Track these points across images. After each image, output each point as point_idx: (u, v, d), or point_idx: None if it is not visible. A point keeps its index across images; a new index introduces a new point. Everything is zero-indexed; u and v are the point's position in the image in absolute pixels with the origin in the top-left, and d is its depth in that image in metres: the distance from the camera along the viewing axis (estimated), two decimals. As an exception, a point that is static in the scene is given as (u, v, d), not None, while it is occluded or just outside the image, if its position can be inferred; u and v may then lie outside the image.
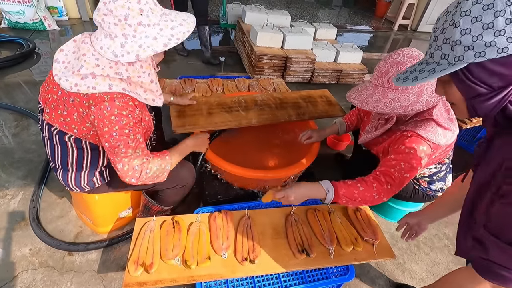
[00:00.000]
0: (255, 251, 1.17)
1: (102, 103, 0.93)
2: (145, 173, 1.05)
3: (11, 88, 2.62)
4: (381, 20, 6.21)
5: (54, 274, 1.37)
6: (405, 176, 1.11)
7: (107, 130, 0.96)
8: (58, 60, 0.99)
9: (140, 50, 0.91)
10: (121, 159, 1.00)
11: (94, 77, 0.92)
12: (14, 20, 3.55)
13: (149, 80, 1.01)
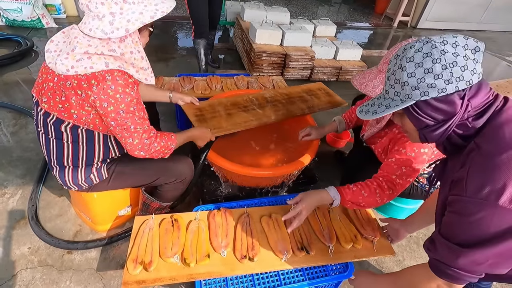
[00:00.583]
0: (254, 248, 1.16)
1: (105, 82, 0.96)
2: (153, 146, 1.13)
3: (9, 86, 2.60)
4: (381, 17, 6.17)
5: (53, 272, 1.37)
6: (407, 181, 1.17)
7: (113, 108, 1.00)
8: (50, 50, 1.01)
9: (129, 24, 0.95)
10: (131, 135, 1.06)
11: (90, 57, 0.95)
12: (12, 18, 3.53)
13: (140, 56, 1.05)
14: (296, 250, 1.18)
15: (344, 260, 1.20)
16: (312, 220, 1.32)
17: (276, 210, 1.36)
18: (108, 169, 1.24)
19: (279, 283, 1.16)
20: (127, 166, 1.27)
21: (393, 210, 1.78)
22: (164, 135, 1.19)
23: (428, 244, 0.80)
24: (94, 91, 0.96)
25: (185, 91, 2.08)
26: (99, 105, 0.99)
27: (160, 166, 1.30)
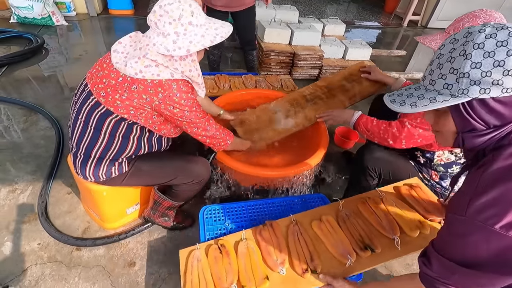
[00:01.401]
0: (313, 259, 1.05)
1: (171, 90, 1.06)
2: (215, 134, 1.29)
3: (20, 83, 2.64)
4: (390, 16, 6.09)
5: (62, 268, 1.38)
6: (416, 130, 1.22)
7: (179, 111, 1.11)
8: (118, 51, 1.09)
9: (190, 45, 1.03)
10: (196, 125, 1.20)
11: (157, 66, 1.03)
12: (23, 16, 3.58)
13: (197, 74, 1.15)
14: (359, 251, 1.07)
15: (416, 250, 1.08)
16: (366, 213, 1.21)
17: (325, 211, 1.25)
18: (129, 163, 1.26)
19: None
20: (146, 164, 1.28)
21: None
22: (225, 130, 1.34)
23: (424, 259, 0.75)
24: (159, 98, 1.06)
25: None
26: (164, 108, 1.09)
27: (179, 166, 1.31)
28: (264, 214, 1.40)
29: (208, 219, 1.34)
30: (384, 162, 1.43)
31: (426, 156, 1.39)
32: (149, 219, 1.55)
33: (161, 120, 1.19)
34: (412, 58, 4.27)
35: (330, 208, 1.26)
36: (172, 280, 1.39)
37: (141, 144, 1.24)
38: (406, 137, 1.27)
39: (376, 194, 1.28)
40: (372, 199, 1.26)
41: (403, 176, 1.45)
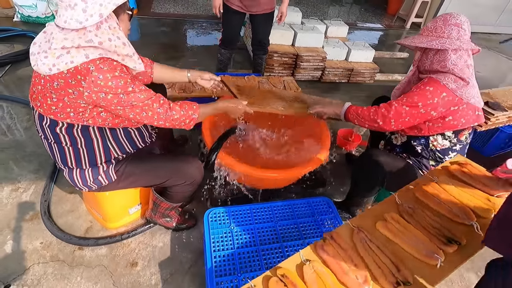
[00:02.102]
0: (400, 269, 0.88)
1: (90, 74, 0.93)
2: (170, 114, 1.11)
3: (23, 81, 2.64)
4: (393, 18, 6.09)
5: (65, 268, 1.38)
6: (402, 108, 1.30)
7: (113, 96, 0.98)
8: (33, 52, 0.99)
9: (101, 8, 0.91)
10: (142, 109, 1.05)
11: (68, 52, 0.92)
12: (27, 14, 3.58)
13: (120, 43, 0.99)
14: (444, 246, 0.93)
15: None
16: (429, 200, 1.07)
17: (383, 208, 1.07)
18: (117, 171, 1.23)
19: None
20: (136, 168, 1.26)
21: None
22: (184, 104, 1.17)
23: None
24: (84, 87, 0.95)
25: (196, 90, 2.08)
26: (96, 98, 0.97)
27: (170, 168, 1.29)
28: (269, 217, 1.41)
29: (212, 222, 1.35)
30: (387, 166, 1.43)
31: (421, 143, 1.43)
32: (151, 220, 1.55)
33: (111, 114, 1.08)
34: (415, 60, 4.26)
35: (388, 204, 1.09)
36: (174, 280, 1.39)
37: (109, 147, 1.18)
38: (394, 116, 1.33)
39: (428, 178, 1.13)
40: (427, 185, 1.10)
41: (405, 179, 1.45)
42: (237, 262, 1.21)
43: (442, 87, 1.27)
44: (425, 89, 1.28)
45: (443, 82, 1.27)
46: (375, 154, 1.45)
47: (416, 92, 1.30)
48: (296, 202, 1.49)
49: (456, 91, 1.26)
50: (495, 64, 4.57)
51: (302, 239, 1.32)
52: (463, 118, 1.32)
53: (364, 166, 1.47)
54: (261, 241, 1.30)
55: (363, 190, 1.53)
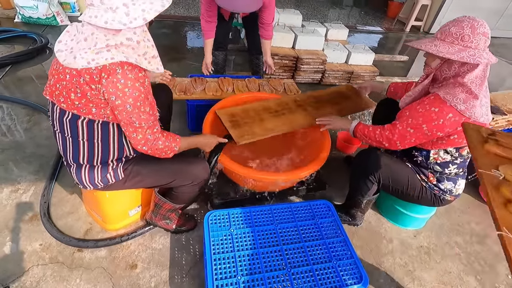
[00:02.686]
0: None
1: (115, 75, 0.98)
2: (156, 143, 1.16)
3: (24, 82, 2.65)
4: (393, 21, 6.11)
5: (64, 270, 1.38)
6: (407, 130, 1.30)
7: (121, 102, 1.01)
8: (61, 50, 1.02)
9: (144, 13, 0.97)
10: (135, 129, 1.09)
11: (109, 50, 0.97)
12: (28, 15, 3.59)
13: (151, 44, 1.07)
14: None
15: None
16: None
17: None
18: (125, 169, 1.24)
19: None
20: (144, 167, 1.27)
21: (403, 219, 1.76)
22: (170, 136, 1.21)
23: None
24: (103, 84, 0.98)
25: (197, 92, 2.09)
26: (108, 97, 1.01)
27: (177, 168, 1.31)
28: (269, 220, 1.41)
29: (212, 225, 1.35)
30: (384, 167, 1.44)
31: (423, 154, 1.42)
32: (151, 222, 1.54)
33: None
34: (414, 63, 4.28)
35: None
36: (174, 283, 1.38)
37: (124, 144, 1.20)
38: (399, 138, 1.33)
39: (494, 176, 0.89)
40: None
41: (402, 180, 1.47)
42: (237, 265, 1.20)
43: (448, 108, 1.21)
44: (430, 110, 1.24)
45: (452, 103, 1.21)
46: (373, 152, 1.46)
47: (421, 113, 1.26)
48: (297, 205, 1.49)
49: (465, 112, 1.20)
50: (495, 68, 4.58)
51: (302, 242, 1.32)
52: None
53: (362, 163, 1.48)
54: (261, 244, 1.30)
55: (360, 189, 1.53)
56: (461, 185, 1.46)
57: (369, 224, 1.79)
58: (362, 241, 1.69)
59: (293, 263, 1.24)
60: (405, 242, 1.72)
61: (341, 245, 1.33)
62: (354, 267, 1.26)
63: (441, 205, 1.52)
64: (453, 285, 1.54)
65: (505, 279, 1.61)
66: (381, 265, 1.58)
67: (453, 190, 1.45)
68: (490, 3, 5.54)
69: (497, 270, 1.65)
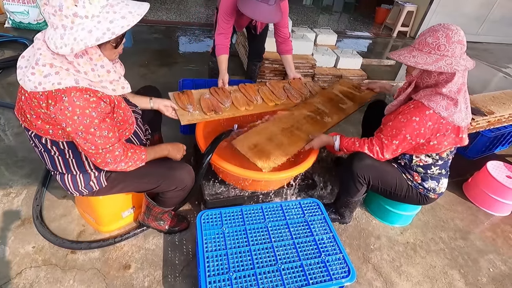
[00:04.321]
0: None
1: (61, 103, 0.91)
2: (118, 165, 1.13)
3: (14, 87, 2.64)
4: (381, 26, 6.29)
5: (57, 271, 1.39)
6: (393, 143, 1.39)
7: (72, 129, 0.96)
8: (21, 66, 0.97)
9: (74, 43, 0.85)
10: (93, 155, 1.06)
11: (58, 73, 0.90)
12: (18, 20, 3.58)
13: (104, 71, 0.97)
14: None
15: None
16: None
17: None
18: (108, 177, 1.25)
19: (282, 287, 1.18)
20: (127, 175, 1.25)
21: (390, 216, 1.82)
22: (134, 154, 1.16)
23: None
24: (51, 111, 0.93)
25: (227, 109, 1.80)
26: (59, 123, 0.96)
27: (161, 174, 1.30)
28: (261, 218, 1.44)
29: (205, 224, 1.38)
30: (373, 169, 1.50)
31: (406, 158, 1.50)
32: (144, 223, 1.57)
33: None
34: (401, 68, 4.41)
35: None
36: (167, 282, 1.41)
37: None
38: (388, 152, 1.43)
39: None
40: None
41: (390, 181, 1.52)
42: (229, 262, 1.24)
43: (427, 116, 1.28)
44: (411, 119, 1.31)
45: (436, 110, 1.27)
46: (363, 156, 1.51)
47: (403, 123, 1.34)
48: (287, 203, 1.53)
49: (448, 118, 1.28)
50: (478, 71, 4.75)
51: (292, 239, 1.36)
52: (446, 141, 1.37)
53: (352, 165, 1.52)
54: (253, 241, 1.33)
55: (350, 190, 1.59)
56: (443, 184, 1.53)
57: (357, 222, 1.85)
58: (351, 238, 1.75)
59: (283, 259, 1.28)
60: (392, 238, 1.78)
61: (330, 241, 1.38)
62: (342, 262, 1.30)
63: (426, 203, 1.58)
64: (438, 278, 1.60)
65: (487, 272, 1.68)
66: (369, 261, 1.63)
67: (436, 189, 1.52)
68: (473, 9, 5.76)
69: (479, 264, 1.72)
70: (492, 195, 2.01)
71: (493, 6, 5.81)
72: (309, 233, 1.41)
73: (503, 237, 1.91)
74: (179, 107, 1.67)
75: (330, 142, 1.59)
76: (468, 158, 2.57)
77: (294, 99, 2.04)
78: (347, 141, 1.54)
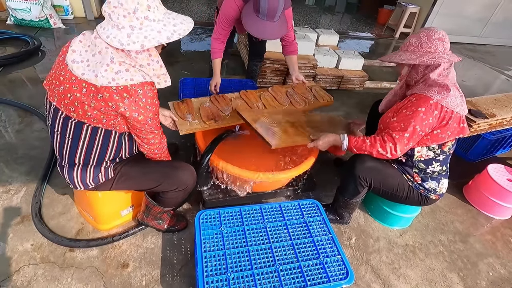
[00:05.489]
0: None
1: (136, 95, 1.05)
2: (164, 147, 1.33)
3: (16, 84, 2.65)
4: (383, 27, 6.27)
5: (55, 269, 1.39)
6: (404, 137, 1.36)
7: (143, 118, 1.10)
8: (76, 60, 1.04)
9: (145, 40, 1.00)
10: (154, 136, 1.22)
11: (128, 70, 1.02)
12: (20, 18, 3.59)
13: (158, 66, 1.14)
14: None
15: None
16: None
17: None
18: (115, 169, 1.27)
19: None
20: (131, 169, 1.29)
21: (390, 218, 1.81)
22: (163, 139, 1.32)
23: None
24: (125, 103, 1.04)
25: (226, 117, 1.76)
26: (129, 115, 1.08)
27: (163, 173, 1.31)
28: (260, 219, 1.44)
29: (204, 224, 1.38)
30: (375, 171, 1.50)
31: (407, 153, 1.48)
32: (143, 222, 1.56)
33: None
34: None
35: None
36: (165, 281, 1.41)
37: (122, 144, 1.25)
38: (400, 146, 1.39)
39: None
40: None
41: (392, 183, 1.52)
42: (227, 262, 1.23)
43: (433, 106, 1.32)
44: (418, 110, 1.33)
45: (435, 98, 1.31)
46: (365, 158, 1.50)
47: (409, 115, 1.35)
48: (286, 204, 1.53)
49: (442, 101, 1.31)
50: (480, 73, 4.74)
51: (291, 240, 1.36)
52: (449, 131, 1.37)
53: (353, 168, 1.52)
54: (251, 241, 1.33)
55: (351, 192, 1.58)
56: (444, 184, 1.53)
57: (357, 223, 1.85)
58: (350, 239, 1.74)
59: (281, 260, 1.28)
60: (391, 240, 1.78)
61: (329, 242, 1.38)
62: (340, 263, 1.30)
63: (426, 204, 1.58)
64: (437, 281, 1.60)
65: (487, 275, 1.67)
66: (368, 263, 1.63)
67: (437, 189, 1.51)
68: (477, 11, 5.74)
69: (479, 268, 1.71)
70: (492, 198, 2.00)
71: (496, 8, 5.79)
72: (307, 234, 1.40)
73: (503, 240, 1.91)
74: (178, 117, 1.66)
75: (337, 141, 1.53)
76: (468, 160, 2.57)
77: (297, 105, 1.98)
78: (356, 140, 1.48)
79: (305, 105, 1.99)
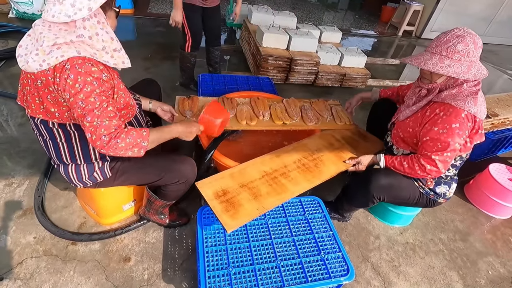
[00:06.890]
0: None
1: (64, 71, 0.94)
2: (115, 142, 1.02)
3: (17, 78, 2.63)
4: (386, 25, 6.24)
5: (58, 262, 1.40)
6: (446, 156, 1.30)
7: (73, 99, 0.96)
8: (21, 55, 1.00)
9: (91, 2, 0.93)
10: (88, 128, 0.99)
11: (59, 47, 0.93)
12: (22, 11, 3.58)
13: (108, 37, 1.01)
14: None
15: None
16: None
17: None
18: (112, 168, 1.25)
19: (281, 284, 1.19)
20: (130, 166, 1.28)
21: (391, 216, 1.82)
22: (133, 130, 1.07)
23: None
24: (57, 83, 0.95)
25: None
26: (64, 96, 0.97)
27: (163, 166, 1.31)
28: (261, 215, 1.44)
29: (206, 219, 1.38)
30: (389, 189, 1.46)
31: None
32: (145, 217, 1.57)
33: None
34: (406, 67, 4.38)
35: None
36: (166, 275, 1.42)
37: None
38: (444, 165, 1.33)
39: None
40: None
41: (404, 196, 1.49)
42: (229, 258, 1.24)
43: (465, 118, 1.26)
44: (452, 128, 1.26)
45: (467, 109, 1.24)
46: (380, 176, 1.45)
47: (445, 134, 1.27)
48: (288, 200, 1.53)
49: (477, 113, 1.26)
50: (483, 72, 4.72)
51: (292, 236, 1.37)
52: (477, 139, 1.34)
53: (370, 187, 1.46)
54: (252, 237, 1.34)
55: (360, 204, 1.60)
56: (453, 189, 1.51)
57: (357, 221, 1.85)
58: (350, 237, 1.75)
59: (282, 256, 1.29)
60: (391, 238, 1.78)
61: (330, 239, 1.38)
62: (341, 260, 1.30)
63: (432, 206, 1.56)
64: (436, 279, 1.61)
65: (486, 274, 1.68)
66: (368, 260, 1.64)
67: (447, 194, 1.49)
68: (481, 9, 5.70)
69: (478, 266, 1.72)
70: (493, 197, 2.00)
71: (501, 7, 5.75)
72: (309, 230, 1.41)
73: (503, 239, 1.91)
74: (178, 112, 1.63)
75: (374, 161, 1.53)
76: (470, 160, 2.55)
77: (308, 121, 1.81)
78: (392, 160, 1.45)
79: (316, 123, 1.83)
